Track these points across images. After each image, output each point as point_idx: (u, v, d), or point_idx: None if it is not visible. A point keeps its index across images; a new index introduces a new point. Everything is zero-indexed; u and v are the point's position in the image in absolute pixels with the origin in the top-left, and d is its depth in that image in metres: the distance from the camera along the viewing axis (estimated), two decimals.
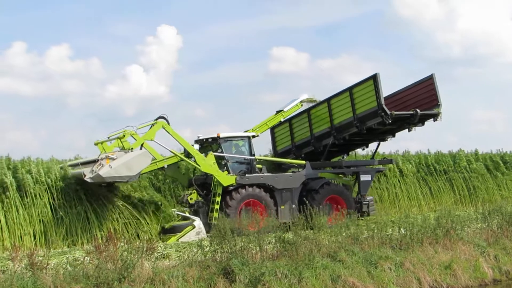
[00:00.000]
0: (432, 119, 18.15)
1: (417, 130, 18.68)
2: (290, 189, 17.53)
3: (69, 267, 10.44)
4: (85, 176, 14.58)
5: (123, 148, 15.76)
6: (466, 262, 13.46)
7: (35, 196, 15.05)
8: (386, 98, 18.06)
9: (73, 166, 15.93)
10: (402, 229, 13.92)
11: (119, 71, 52.56)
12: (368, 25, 52.75)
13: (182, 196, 17.26)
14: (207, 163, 16.74)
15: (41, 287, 9.55)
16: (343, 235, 12.93)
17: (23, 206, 14.86)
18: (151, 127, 16.39)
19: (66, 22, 47.58)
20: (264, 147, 21.02)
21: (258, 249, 11.71)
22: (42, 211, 14.92)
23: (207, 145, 17.78)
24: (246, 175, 17.02)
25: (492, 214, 15.71)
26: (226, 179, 16.71)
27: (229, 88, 49.84)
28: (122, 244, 11.09)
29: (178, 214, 16.49)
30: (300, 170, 18.32)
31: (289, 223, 12.91)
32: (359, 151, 21.23)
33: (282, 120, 19.60)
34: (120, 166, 14.71)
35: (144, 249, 10.80)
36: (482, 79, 51.20)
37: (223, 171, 16.94)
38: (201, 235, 15.47)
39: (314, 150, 19.20)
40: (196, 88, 49.35)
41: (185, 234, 15.51)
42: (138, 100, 46.60)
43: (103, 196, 15.84)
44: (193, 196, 16.85)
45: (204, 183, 17.30)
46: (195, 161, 16.82)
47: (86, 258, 10.73)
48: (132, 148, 15.79)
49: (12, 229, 14.50)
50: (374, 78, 17.22)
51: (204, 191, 17.16)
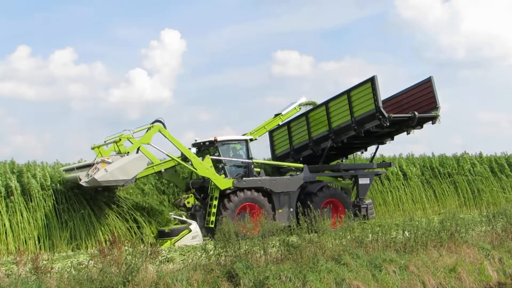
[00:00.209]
0: (430, 122, 18.08)
1: (422, 133, 18.63)
2: (288, 192, 17.41)
3: (73, 271, 10.46)
4: (80, 180, 14.51)
5: (119, 152, 15.71)
6: (471, 265, 13.44)
7: (39, 200, 15.06)
8: (385, 101, 18.05)
9: (68, 171, 15.89)
10: (406, 232, 13.90)
11: (123, 75, 52.73)
12: (372, 27, 52.92)
13: (179, 199, 17.17)
14: (204, 167, 16.61)
15: None
16: (348, 238, 12.91)
17: (28, 210, 14.89)
18: (147, 131, 16.31)
19: (70, 26, 47.89)
20: (264, 150, 20.88)
21: (262, 252, 11.69)
22: (46, 215, 14.94)
23: (204, 148, 17.68)
24: (244, 178, 16.90)
25: (496, 217, 15.72)
26: (223, 182, 16.60)
27: (233, 92, 50.02)
28: (126, 247, 11.10)
29: (175, 218, 16.43)
30: (298, 173, 18.27)
31: (292, 226, 12.86)
32: (360, 155, 21.19)
33: (281, 123, 19.53)
34: (116, 170, 14.67)
35: (148, 252, 10.82)
36: (487, 81, 51.29)
37: (221, 175, 16.85)
38: (197, 239, 15.42)
39: (312, 154, 19.09)
40: (200, 92, 49.50)
41: (181, 238, 15.41)
42: (142, 104, 46.76)
43: (107, 200, 15.86)
44: (190, 200, 16.75)
45: (202, 187, 17.18)
46: (192, 164, 16.71)
47: (90, 262, 10.73)
48: (128, 152, 15.73)
49: (17, 233, 14.50)
50: (372, 81, 17.11)
51: (202, 195, 17.05)
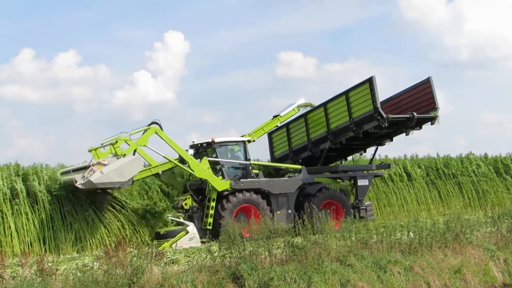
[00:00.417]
0: (429, 123, 18.02)
1: (426, 134, 18.62)
2: (286, 194, 17.34)
3: (78, 273, 10.44)
4: (76, 182, 14.52)
5: (116, 155, 15.71)
6: (476, 266, 13.39)
7: (44, 203, 15.10)
8: (383, 102, 18.00)
9: (65, 173, 15.85)
10: (411, 233, 13.87)
11: (127, 77, 52.92)
12: (376, 28, 52.74)
13: (177, 201, 17.15)
14: (201, 168, 16.57)
15: None
16: (353, 239, 12.90)
17: (33, 213, 14.94)
18: (144, 133, 16.29)
19: (73, 28, 47.92)
20: (263, 152, 20.82)
21: (267, 253, 11.68)
22: (51, 217, 14.98)
23: (202, 150, 17.62)
24: (241, 180, 16.87)
25: (501, 217, 15.66)
26: (221, 184, 16.56)
27: (237, 93, 49.97)
28: (131, 249, 11.12)
29: (172, 220, 16.42)
30: (296, 175, 18.21)
31: (297, 228, 12.84)
32: (361, 156, 21.11)
33: (279, 125, 19.46)
34: (112, 172, 14.71)
35: (153, 254, 10.83)
36: (491, 82, 51.17)
37: (218, 176, 16.80)
38: (194, 240, 15.42)
39: (311, 155, 19.00)
40: (204, 93, 49.51)
41: (178, 240, 15.40)
42: (146, 106, 46.77)
43: (111, 202, 15.91)
44: (187, 202, 16.76)
45: (200, 189, 17.13)
46: (189, 166, 16.66)
47: (95, 263, 10.76)
48: (125, 154, 15.70)
49: (22, 235, 14.58)
50: (370, 81, 17.03)
51: (199, 197, 17.02)
